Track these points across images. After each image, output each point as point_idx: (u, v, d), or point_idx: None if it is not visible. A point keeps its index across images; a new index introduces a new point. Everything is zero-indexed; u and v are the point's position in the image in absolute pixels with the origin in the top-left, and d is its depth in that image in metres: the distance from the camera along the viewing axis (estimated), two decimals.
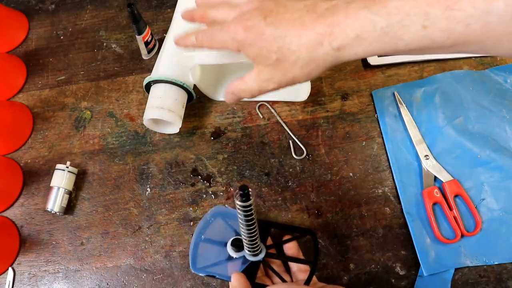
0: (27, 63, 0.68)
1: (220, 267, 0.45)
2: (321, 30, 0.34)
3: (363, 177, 0.56)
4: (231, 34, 0.37)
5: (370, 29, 0.32)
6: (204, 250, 0.46)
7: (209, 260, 0.45)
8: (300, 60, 0.35)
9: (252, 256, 0.44)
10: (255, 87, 0.40)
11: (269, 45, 0.35)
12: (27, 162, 0.61)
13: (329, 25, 0.33)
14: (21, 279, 0.55)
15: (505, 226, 0.51)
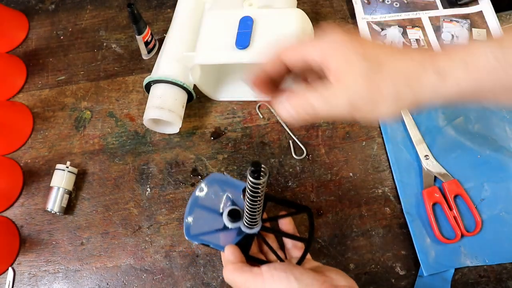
0: (27, 63, 0.68)
1: (213, 236, 0.44)
2: (423, 58, 0.30)
3: (363, 177, 0.56)
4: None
5: (482, 58, 0.29)
6: (198, 218, 0.45)
7: (203, 228, 0.44)
8: (395, 85, 0.30)
9: (248, 229, 0.43)
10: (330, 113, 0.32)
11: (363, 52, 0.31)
12: (27, 162, 0.61)
13: (431, 55, 0.30)
14: (21, 279, 0.55)
15: (505, 226, 0.51)
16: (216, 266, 0.53)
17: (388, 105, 0.30)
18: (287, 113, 0.33)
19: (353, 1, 0.67)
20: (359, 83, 0.30)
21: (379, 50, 0.31)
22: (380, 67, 0.30)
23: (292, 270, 0.36)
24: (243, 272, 0.38)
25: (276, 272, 0.36)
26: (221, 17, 0.53)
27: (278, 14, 0.52)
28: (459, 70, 0.29)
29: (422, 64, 0.30)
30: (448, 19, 0.64)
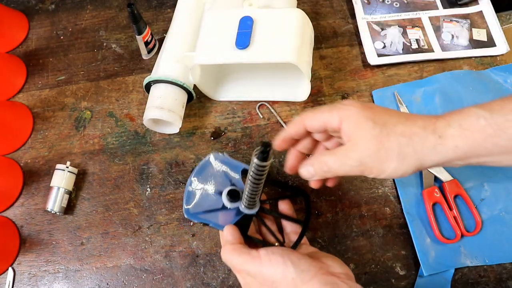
0: (27, 63, 0.68)
1: (212, 215, 0.44)
2: (425, 122, 0.35)
3: (363, 177, 0.56)
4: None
5: (474, 120, 0.33)
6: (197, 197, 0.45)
7: (202, 207, 0.44)
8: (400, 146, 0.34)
9: (247, 209, 0.44)
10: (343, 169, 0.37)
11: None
12: (27, 162, 0.61)
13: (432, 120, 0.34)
14: (21, 279, 0.55)
15: (505, 226, 0.51)
16: (216, 266, 0.53)
17: (394, 165, 0.34)
18: (307, 172, 0.39)
19: (353, 1, 0.67)
20: (368, 144, 0.35)
21: (387, 116, 0.36)
22: (388, 130, 0.35)
23: (289, 255, 0.36)
24: (241, 254, 0.38)
25: (273, 257, 0.36)
26: (221, 17, 0.53)
27: (278, 14, 0.52)
28: (455, 131, 0.33)
29: (424, 128, 0.34)
30: (448, 19, 0.64)
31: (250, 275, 0.37)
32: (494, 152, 0.33)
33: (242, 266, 0.38)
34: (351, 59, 0.63)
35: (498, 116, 0.32)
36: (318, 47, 0.64)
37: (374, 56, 0.61)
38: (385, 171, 0.35)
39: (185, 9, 0.60)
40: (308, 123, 0.39)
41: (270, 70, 0.61)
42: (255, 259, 0.37)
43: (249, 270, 0.37)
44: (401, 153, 0.34)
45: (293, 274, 0.35)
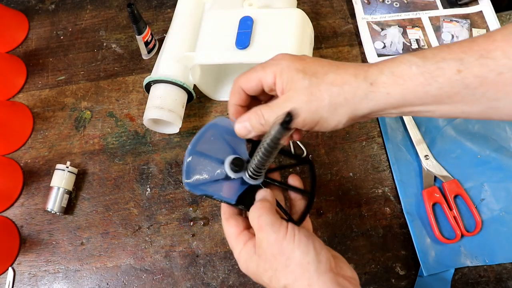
0: (27, 63, 0.68)
1: (215, 187, 0.41)
2: (356, 70, 0.34)
3: (363, 177, 0.56)
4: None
5: (406, 68, 0.32)
6: (198, 166, 0.41)
7: (204, 178, 0.40)
8: (331, 96, 0.34)
9: (252, 180, 0.40)
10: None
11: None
12: (27, 162, 0.61)
13: (364, 68, 0.34)
14: (21, 279, 0.55)
15: (505, 226, 0.51)
16: (216, 266, 0.53)
17: (325, 115, 0.34)
18: (244, 128, 0.38)
19: (353, 1, 0.67)
20: (300, 96, 0.35)
21: (318, 66, 0.35)
22: (318, 80, 0.34)
23: (313, 240, 0.35)
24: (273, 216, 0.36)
25: (299, 235, 0.34)
26: (221, 17, 0.53)
27: (278, 14, 0.52)
28: (386, 77, 0.33)
29: (355, 76, 0.34)
30: (448, 19, 0.64)
31: (268, 240, 0.35)
32: (426, 101, 0.33)
33: (267, 227, 0.35)
34: (351, 59, 0.63)
35: (430, 64, 0.32)
36: (318, 47, 0.64)
37: (374, 56, 0.61)
38: (318, 123, 0.35)
39: (185, 9, 0.60)
40: (244, 86, 0.38)
41: None
42: (281, 228, 0.35)
43: (270, 235, 0.34)
44: (332, 103, 0.34)
45: (311, 260, 0.33)
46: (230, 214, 0.40)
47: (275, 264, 0.34)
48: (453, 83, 0.31)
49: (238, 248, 0.37)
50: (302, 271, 0.33)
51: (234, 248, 0.38)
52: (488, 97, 0.31)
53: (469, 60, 0.30)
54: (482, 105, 0.32)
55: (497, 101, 0.31)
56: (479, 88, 0.31)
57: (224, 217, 0.40)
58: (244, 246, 0.37)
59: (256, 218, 0.36)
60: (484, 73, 0.30)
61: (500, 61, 0.30)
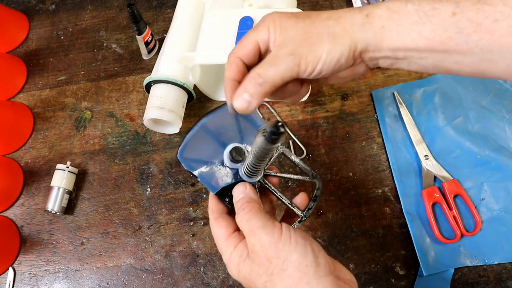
0: (28, 63, 0.68)
1: (206, 169, 0.37)
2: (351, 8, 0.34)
3: (363, 177, 0.56)
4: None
5: (402, 5, 0.32)
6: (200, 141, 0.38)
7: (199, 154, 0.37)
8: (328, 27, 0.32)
9: (246, 176, 0.37)
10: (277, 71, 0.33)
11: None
12: (27, 162, 0.61)
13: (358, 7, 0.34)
14: (22, 278, 0.55)
15: (504, 226, 0.51)
16: (216, 266, 0.53)
17: (327, 47, 0.32)
18: (243, 100, 0.34)
19: (353, 2, 0.67)
20: (295, 36, 0.33)
21: (310, 12, 0.34)
22: (312, 20, 0.33)
23: (311, 241, 0.32)
24: (263, 217, 0.33)
25: (295, 236, 0.32)
26: (221, 18, 0.53)
27: None
28: (381, 11, 0.32)
29: (349, 10, 0.33)
30: None
31: (261, 243, 0.32)
32: (419, 44, 0.31)
33: (259, 230, 0.32)
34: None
35: (426, 4, 0.31)
36: None
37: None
38: (321, 56, 0.32)
39: (185, 9, 0.60)
40: (240, 53, 0.35)
41: None
42: (275, 229, 0.32)
43: (263, 238, 0.32)
44: (331, 33, 0.32)
45: (309, 262, 0.31)
46: (219, 213, 0.37)
47: (270, 268, 0.32)
48: (447, 25, 0.30)
49: (228, 251, 0.35)
50: (300, 274, 0.31)
51: (223, 252, 0.35)
52: (482, 46, 0.30)
53: (466, 4, 0.30)
54: (476, 56, 0.30)
55: (491, 53, 0.30)
56: (473, 35, 0.29)
57: (212, 216, 0.37)
58: (235, 249, 0.34)
59: (245, 222, 0.34)
60: (479, 19, 0.29)
61: (497, 7, 0.28)
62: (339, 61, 0.33)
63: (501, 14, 0.28)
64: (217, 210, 0.37)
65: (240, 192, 0.36)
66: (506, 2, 0.28)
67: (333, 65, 0.33)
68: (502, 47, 0.29)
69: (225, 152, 0.38)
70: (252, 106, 0.34)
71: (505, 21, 0.28)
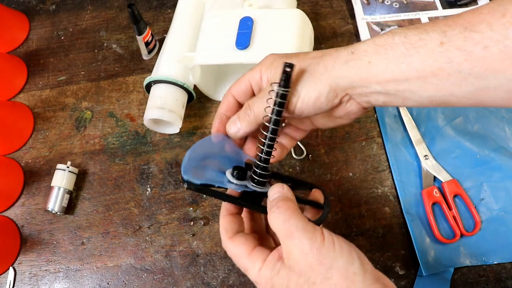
0: (28, 63, 0.68)
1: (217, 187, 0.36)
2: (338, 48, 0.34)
3: (362, 177, 0.56)
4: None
5: (388, 38, 0.32)
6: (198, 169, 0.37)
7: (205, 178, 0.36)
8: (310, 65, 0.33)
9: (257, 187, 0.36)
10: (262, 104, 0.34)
11: None
12: (27, 162, 0.61)
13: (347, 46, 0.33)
14: (22, 278, 0.55)
15: (504, 225, 0.51)
16: (216, 266, 0.53)
17: (306, 87, 0.33)
18: (234, 125, 0.36)
19: (353, 2, 0.67)
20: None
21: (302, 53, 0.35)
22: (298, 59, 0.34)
23: (354, 247, 0.31)
24: (303, 219, 0.31)
25: (338, 241, 0.30)
26: (221, 18, 0.53)
27: (278, 14, 0.52)
28: (367, 46, 0.32)
29: (336, 50, 0.33)
30: None
31: (301, 248, 0.29)
32: (409, 75, 0.31)
33: (299, 233, 0.30)
34: None
35: (412, 35, 0.30)
36: (318, 48, 0.64)
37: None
38: (300, 95, 0.33)
39: (185, 9, 0.60)
40: (234, 91, 0.37)
41: None
42: (316, 233, 0.30)
43: (304, 243, 0.29)
44: (312, 72, 0.33)
45: (357, 270, 0.29)
46: (233, 232, 0.35)
47: (312, 277, 0.29)
48: (436, 55, 0.29)
49: (256, 268, 0.32)
50: (347, 283, 0.28)
51: (249, 269, 0.32)
52: (476, 75, 0.29)
53: (453, 32, 0.29)
54: (471, 86, 0.29)
55: (486, 80, 0.29)
56: (465, 64, 0.28)
57: (227, 236, 0.34)
58: (265, 262, 0.31)
59: (283, 222, 0.31)
60: (468, 47, 0.28)
61: (485, 33, 0.28)
62: (319, 99, 0.33)
63: (490, 40, 0.27)
64: (231, 229, 0.35)
65: (276, 191, 0.34)
66: (493, 28, 0.27)
67: (312, 103, 0.33)
68: (497, 74, 0.28)
69: (227, 175, 0.37)
70: (240, 132, 0.36)
71: (495, 47, 0.27)
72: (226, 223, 0.35)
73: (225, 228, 0.35)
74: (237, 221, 0.36)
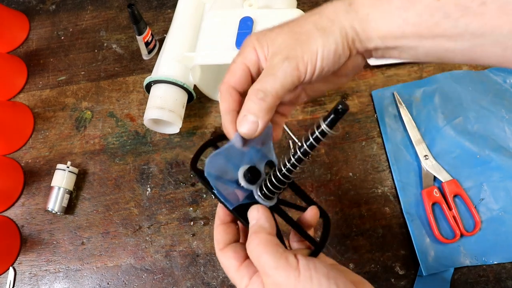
0: (28, 63, 0.68)
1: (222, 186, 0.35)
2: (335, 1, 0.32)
3: (362, 177, 0.56)
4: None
5: None
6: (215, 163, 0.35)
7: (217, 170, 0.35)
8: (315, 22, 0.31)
9: (262, 199, 0.35)
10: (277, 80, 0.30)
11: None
12: (28, 162, 0.61)
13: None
14: (22, 278, 0.55)
15: (504, 226, 0.51)
16: (216, 266, 0.53)
17: (320, 41, 0.31)
18: (247, 122, 0.31)
19: None
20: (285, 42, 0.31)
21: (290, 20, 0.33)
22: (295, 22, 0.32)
23: (336, 277, 0.28)
24: (276, 253, 0.29)
25: (316, 275, 0.28)
26: (221, 18, 0.53)
27: (278, 14, 0.52)
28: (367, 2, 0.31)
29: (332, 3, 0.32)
30: None
31: (277, 285, 0.28)
32: (407, 32, 0.30)
33: (272, 271, 0.28)
34: None
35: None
36: None
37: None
38: (317, 52, 0.31)
39: (185, 9, 0.60)
40: (232, 81, 0.33)
41: None
42: (290, 270, 0.28)
43: (279, 280, 0.28)
44: (319, 28, 0.31)
45: None
46: (224, 243, 0.34)
47: None
48: (432, 10, 0.28)
49: (243, 284, 0.31)
50: None
51: (237, 284, 0.32)
52: (472, 31, 0.28)
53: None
54: (467, 42, 0.29)
55: (482, 37, 0.28)
56: (461, 19, 0.28)
57: (218, 247, 0.34)
58: (250, 281, 0.31)
59: (255, 259, 0.30)
60: (466, 2, 0.27)
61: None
62: (337, 51, 0.31)
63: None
64: (223, 240, 0.34)
65: (252, 218, 0.32)
66: None
67: (332, 57, 0.31)
68: (493, 30, 0.27)
69: (239, 172, 0.36)
70: (261, 126, 0.31)
71: (493, 3, 0.26)
72: (218, 234, 0.34)
73: (216, 239, 0.34)
74: (230, 231, 0.34)
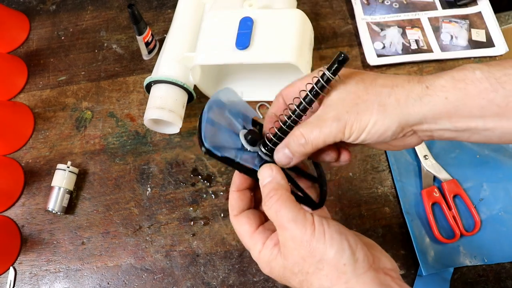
0: (28, 63, 0.68)
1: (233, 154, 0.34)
2: (409, 77, 0.31)
3: (362, 177, 0.56)
4: None
5: (468, 73, 0.29)
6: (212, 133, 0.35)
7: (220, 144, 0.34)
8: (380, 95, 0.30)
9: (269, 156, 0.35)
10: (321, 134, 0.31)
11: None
12: (28, 162, 0.61)
13: (417, 76, 0.31)
14: (22, 278, 0.55)
15: (504, 225, 0.52)
16: (216, 266, 0.53)
17: (374, 118, 0.30)
18: (283, 155, 0.33)
19: (353, 2, 0.67)
20: (345, 100, 0.31)
21: (365, 74, 0.33)
22: (365, 84, 0.31)
23: (347, 234, 0.30)
24: (293, 209, 0.31)
25: (329, 231, 0.30)
26: (221, 18, 0.53)
27: (278, 14, 0.52)
28: (445, 81, 0.30)
29: (408, 80, 0.31)
30: (447, 20, 0.64)
31: (293, 240, 0.30)
32: (488, 112, 0.29)
33: (289, 224, 0.30)
34: (350, 59, 0.63)
35: (496, 71, 0.28)
36: (318, 48, 0.64)
37: (374, 56, 0.62)
38: (366, 126, 0.31)
39: (185, 9, 0.60)
40: (285, 92, 0.36)
41: (270, 71, 0.62)
42: (307, 223, 0.30)
43: (295, 234, 0.30)
44: (382, 103, 0.30)
45: (347, 260, 0.29)
46: (238, 210, 0.35)
47: (305, 267, 0.30)
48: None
49: (257, 249, 0.33)
50: (338, 274, 0.29)
51: (251, 249, 0.33)
52: None
53: None
54: None
55: None
56: None
57: (232, 213, 0.35)
58: (264, 246, 0.32)
59: (274, 214, 0.31)
60: None
61: None
62: (385, 133, 0.31)
63: None
64: (238, 207, 0.35)
65: (267, 175, 0.33)
66: None
67: (377, 136, 0.31)
68: None
69: (240, 136, 0.36)
70: (293, 162, 0.33)
71: None
72: (233, 199, 0.35)
73: (231, 205, 0.35)
74: (245, 198, 0.35)
